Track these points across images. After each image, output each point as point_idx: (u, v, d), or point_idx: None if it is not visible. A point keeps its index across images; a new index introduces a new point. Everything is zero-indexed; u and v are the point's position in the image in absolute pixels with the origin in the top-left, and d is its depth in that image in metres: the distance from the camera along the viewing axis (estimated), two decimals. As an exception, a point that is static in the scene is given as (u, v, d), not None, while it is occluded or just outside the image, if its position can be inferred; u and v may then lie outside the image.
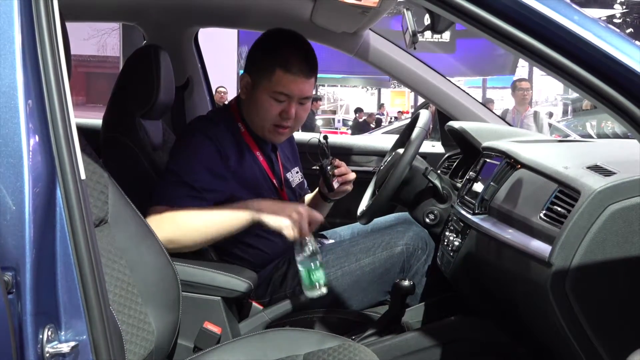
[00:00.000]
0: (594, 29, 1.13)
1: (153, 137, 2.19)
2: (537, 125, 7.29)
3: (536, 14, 1.13)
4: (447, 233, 2.15)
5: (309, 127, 13.89)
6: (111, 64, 16.91)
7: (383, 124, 17.53)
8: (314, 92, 2.22)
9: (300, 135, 3.12)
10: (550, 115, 15.48)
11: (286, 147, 2.36)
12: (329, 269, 2.13)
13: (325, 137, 2.19)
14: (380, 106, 24.65)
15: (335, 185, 2.19)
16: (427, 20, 1.47)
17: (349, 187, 2.24)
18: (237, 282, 1.92)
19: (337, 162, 2.19)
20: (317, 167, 2.18)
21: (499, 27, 1.15)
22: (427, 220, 2.31)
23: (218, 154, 2.01)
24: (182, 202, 1.92)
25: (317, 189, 2.35)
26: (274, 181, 2.18)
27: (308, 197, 2.41)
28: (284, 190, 2.22)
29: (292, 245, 2.11)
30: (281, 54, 2.03)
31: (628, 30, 15.30)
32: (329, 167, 2.16)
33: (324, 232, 2.47)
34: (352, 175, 2.22)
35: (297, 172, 2.35)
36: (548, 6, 1.13)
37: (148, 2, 2.72)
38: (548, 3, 1.13)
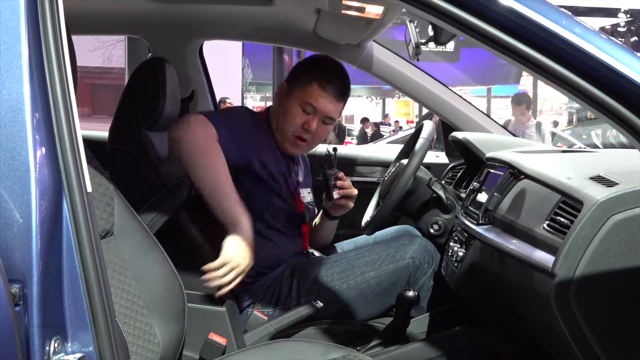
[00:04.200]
0: (595, 40, 1.14)
1: (159, 148, 2.20)
2: (539, 136, 7.27)
3: (538, 26, 1.14)
4: (451, 243, 2.15)
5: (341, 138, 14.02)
6: (116, 76, 16.98)
7: (386, 134, 17.56)
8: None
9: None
10: (556, 124, 15.46)
11: (301, 167, 2.42)
12: (334, 282, 2.14)
13: (335, 149, 2.25)
14: (385, 116, 24.68)
15: (336, 195, 2.23)
16: (430, 31, 1.48)
17: (350, 204, 2.28)
18: None
19: (341, 174, 2.24)
20: (321, 175, 2.22)
21: (501, 39, 1.15)
22: (432, 230, 2.31)
23: (254, 131, 2.19)
24: (217, 125, 2.06)
25: (321, 211, 2.39)
26: (291, 185, 2.26)
27: (316, 220, 2.43)
28: (298, 195, 2.29)
29: (295, 253, 2.15)
30: (322, 73, 2.21)
31: (632, 39, 15.26)
32: (332, 177, 2.21)
33: (327, 246, 2.48)
34: (354, 191, 2.26)
35: (309, 193, 2.38)
36: (549, 18, 1.14)
37: (153, 15, 2.74)
38: (549, 15, 1.14)
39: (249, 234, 1.96)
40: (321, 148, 3.01)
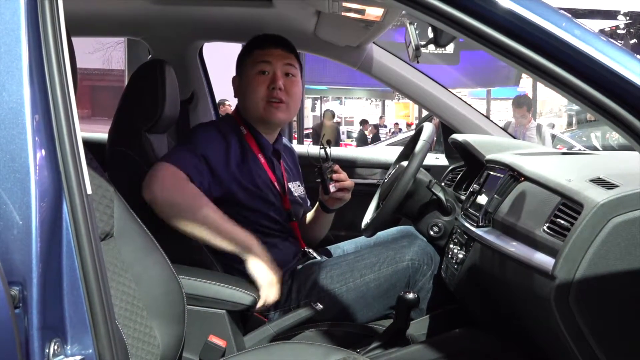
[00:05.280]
0: (595, 42, 1.14)
1: (158, 151, 2.20)
2: (539, 138, 7.27)
3: (537, 28, 1.14)
4: (451, 246, 2.15)
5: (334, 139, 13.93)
6: (116, 77, 16.97)
7: (382, 136, 17.62)
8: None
9: (303, 148, 3.12)
10: (552, 126, 15.46)
11: (289, 159, 2.41)
12: (333, 284, 2.14)
13: (329, 142, 2.23)
14: (379, 118, 24.70)
15: (332, 189, 2.22)
16: (430, 33, 1.48)
17: (347, 196, 2.27)
18: (242, 295, 1.92)
19: (336, 167, 2.24)
20: (316, 170, 2.22)
21: (501, 41, 1.15)
22: (432, 232, 2.31)
23: (224, 150, 2.11)
24: (185, 167, 1.99)
25: (317, 203, 2.38)
26: (276, 185, 2.22)
27: (310, 214, 2.43)
28: (286, 196, 2.25)
29: (296, 254, 2.17)
30: (258, 41, 2.26)
31: (632, 41, 15.27)
32: (327, 170, 2.20)
33: (328, 247, 2.48)
34: (349, 183, 2.26)
35: (298, 186, 2.37)
36: (549, 20, 1.14)
37: (153, 17, 2.74)
38: (549, 17, 1.14)
39: (262, 249, 2.00)
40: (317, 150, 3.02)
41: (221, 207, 2.03)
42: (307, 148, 3.17)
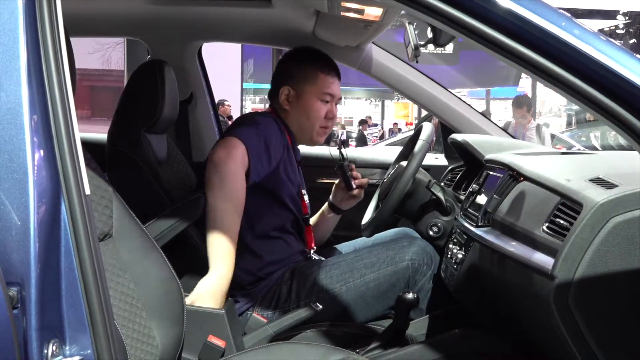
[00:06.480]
0: (594, 42, 1.14)
1: (157, 151, 2.20)
2: (539, 138, 7.28)
3: (537, 28, 1.13)
4: (450, 246, 2.15)
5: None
6: (115, 78, 16.96)
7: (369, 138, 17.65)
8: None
9: (312, 150, 3.11)
10: (547, 126, 15.48)
11: (300, 168, 2.42)
12: (333, 284, 2.14)
13: (344, 142, 2.30)
14: (367, 118, 24.68)
15: (354, 185, 2.36)
16: (429, 33, 1.48)
17: (362, 194, 2.40)
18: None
19: (352, 166, 2.38)
20: (337, 168, 2.36)
21: (500, 41, 1.15)
22: (431, 232, 2.31)
23: (280, 137, 2.18)
24: (252, 150, 2.04)
25: (325, 204, 2.40)
26: (302, 188, 2.31)
27: (314, 217, 2.45)
28: (303, 199, 2.32)
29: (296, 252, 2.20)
30: (319, 62, 2.33)
31: (631, 41, 15.29)
32: (347, 168, 2.36)
33: (328, 248, 2.48)
34: (366, 180, 2.40)
35: (304, 194, 2.39)
36: (548, 20, 1.14)
37: (152, 17, 2.74)
38: (548, 17, 1.14)
39: (225, 286, 1.95)
40: (322, 150, 3.02)
41: (255, 194, 2.06)
42: (326, 148, 3.17)
